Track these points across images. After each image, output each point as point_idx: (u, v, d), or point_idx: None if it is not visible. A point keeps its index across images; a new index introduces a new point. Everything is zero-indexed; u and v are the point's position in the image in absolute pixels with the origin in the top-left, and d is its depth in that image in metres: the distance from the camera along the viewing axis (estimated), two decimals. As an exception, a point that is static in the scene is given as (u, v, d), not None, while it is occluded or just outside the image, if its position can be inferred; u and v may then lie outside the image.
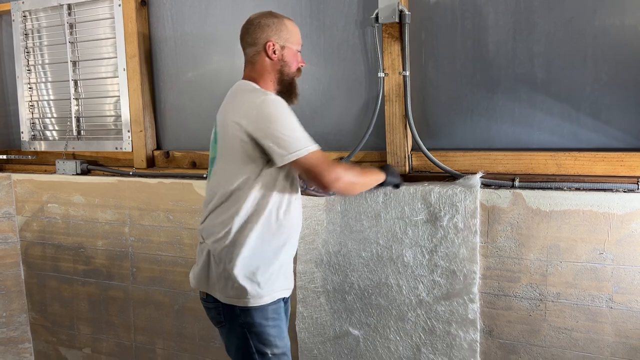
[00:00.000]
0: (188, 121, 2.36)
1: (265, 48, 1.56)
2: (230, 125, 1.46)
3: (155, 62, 2.39)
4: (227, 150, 1.50)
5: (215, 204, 1.52)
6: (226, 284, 1.49)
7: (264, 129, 1.42)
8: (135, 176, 2.35)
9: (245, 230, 1.48)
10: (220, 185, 1.51)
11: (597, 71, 1.65)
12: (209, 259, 1.54)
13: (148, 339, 2.39)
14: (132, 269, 2.38)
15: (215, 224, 1.51)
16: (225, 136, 1.50)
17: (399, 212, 1.81)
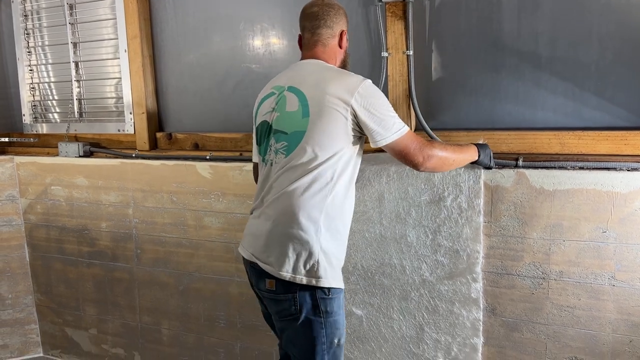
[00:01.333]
0: (190, 103, 2.36)
1: (341, 35, 1.61)
2: (329, 99, 1.45)
3: (157, 43, 2.38)
4: (321, 124, 1.47)
5: (294, 179, 1.47)
6: (311, 267, 1.46)
7: (369, 109, 1.45)
8: (138, 158, 2.35)
9: (330, 209, 1.49)
10: (304, 161, 1.47)
11: (602, 49, 1.64)
12: (288, 241, 1.47)
13: (153, 320, 2.42)
14: (136, 250, 2.40)
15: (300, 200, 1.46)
16: (320, 109, 1.47)
17: (403, 193, 1.81)
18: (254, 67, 2.18)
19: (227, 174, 2.14)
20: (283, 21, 2.10)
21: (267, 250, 1.50)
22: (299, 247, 1.46)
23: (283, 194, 1.48)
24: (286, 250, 1.46)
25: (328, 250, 1.48)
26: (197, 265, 2.26)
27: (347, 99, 1.45)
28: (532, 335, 1.71)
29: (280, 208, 1.49)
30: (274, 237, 1.49)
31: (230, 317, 2.23)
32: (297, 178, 1.47)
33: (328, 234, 1.48)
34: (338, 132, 1.46)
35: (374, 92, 1.48)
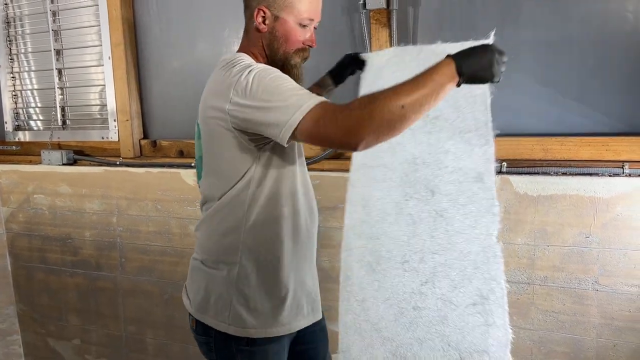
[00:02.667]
0: (175, 110, 2.34)
1: (257, 12, 1.25)
2: (209, 113, 1.22)
3: (141, 50, 2.36)
4: (211, 146, 1.27)
5: (205, 210, 1.34)
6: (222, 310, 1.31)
7: (250, 102, 1.13)
8: (122, 166, 2.33)
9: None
10: (208, 192, 1.32)
11: (582, 56, 1.66)
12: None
13: (138, 329, 2.39)
14: (120, 259, 2.37)
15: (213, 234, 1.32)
16: (206, 127, 1.26)
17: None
18: (239, 74, 2.18)
19: (212, 182, 2.13)
20: (268, 28, 2.10)
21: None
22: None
23: (200, 224, 1.36)
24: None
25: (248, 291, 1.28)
26: (182, 274, 2.24)
27: (223, 106, 1.16)
28: (518, 340, 1.72)
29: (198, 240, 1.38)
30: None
31: (216, 326, 2.20)
32: (206, 209, 1.33)
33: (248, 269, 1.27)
34: (232, 153, 1.21)
35: (258, 78, 1.12)
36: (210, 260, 1.33)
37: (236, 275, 1.28)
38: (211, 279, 1.32)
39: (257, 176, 1.23)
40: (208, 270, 1.33)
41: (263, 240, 1.27)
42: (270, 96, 1.10)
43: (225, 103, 1.15)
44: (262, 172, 1.24)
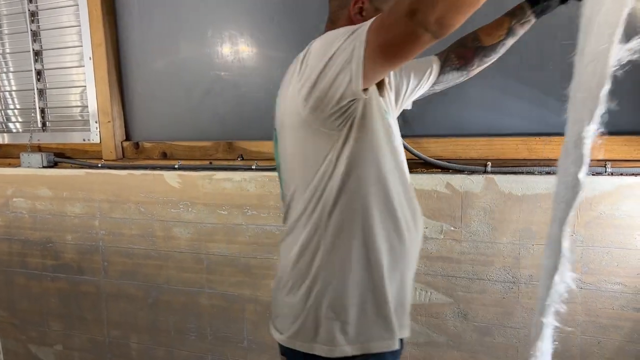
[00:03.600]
0: (157, 111, 2.32)
1: (351, 4, 1.13)
2: (285, 109, 1.09)
3: (122, 50, 2.33)
4: (285, 144, 1.13)
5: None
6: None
7: (316, 61, 0.98)
8: (104, 168, 2.29)
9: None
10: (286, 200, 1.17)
11: (564, 57, 1.67)
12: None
13: (122, 334, 2.35)
14: (103, 263, 2.33)
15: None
16: (282, 127, 1.13)
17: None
18: (223, 74, 2.16)
19: (196, 183, 2.10)
20: (252, 28, 2.09)
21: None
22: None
23: (281, 243, 1.21)
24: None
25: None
26: (166, 277, 2.21)
27: (294, 94, 1.04)
28: (504, 339, 1.73)
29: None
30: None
31: (201, 329, 2.18)
32: (289, 225, 1.16)
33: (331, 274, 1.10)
34: (309, 147, 1.06)
35: (312, 46, 1.02)
36: (289, 281, 1.16)
37: (319, 292, 1.11)
38: (295, 300, 1.14)
39: (341, 170, 1.05)
40: (290, 293, 1.16)
41: (348, 249, 1.08)
42: (327, 48, 0.96)
43: (294, 91, 1.03)
44: (345, 165, 1.04)
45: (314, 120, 1.02)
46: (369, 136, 1.04)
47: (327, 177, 1.05)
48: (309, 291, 1.11)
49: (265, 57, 2.08)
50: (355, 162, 1.04)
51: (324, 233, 1.08)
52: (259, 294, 2.06)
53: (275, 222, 2.00)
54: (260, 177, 2.00)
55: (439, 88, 1.47)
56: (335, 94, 0.97)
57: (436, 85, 1.44)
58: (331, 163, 1.04)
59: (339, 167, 1.04)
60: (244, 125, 2.15)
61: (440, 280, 1.78)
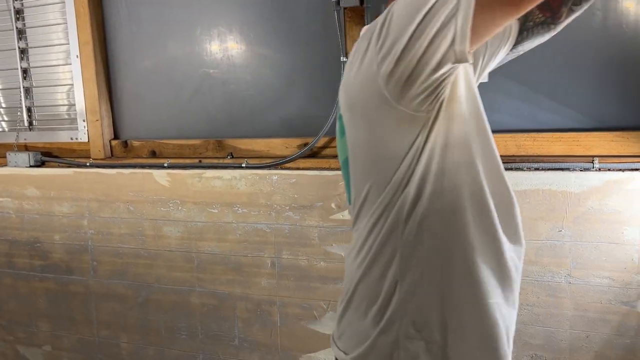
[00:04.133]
0: (146, 109, 2.30)
1: None
2: (355, 90, 0.90)
3: (110, 48, 2.31)
4: (357, 136, 0.94)
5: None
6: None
7: (402, 23, 0.79)
8: (92, 167, 2.27)
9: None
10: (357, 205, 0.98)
11: (553, 54, 1.69)
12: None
13: (112, 333, 2.34)
14: (92, 262, 2.31)
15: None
16: (350, 114, 0.94)
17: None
18: (212, 72, 2.15)
19: (186, 182, 2.09)
20: (241, 25, 2.08)
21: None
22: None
23: (349, 252, 1.02)
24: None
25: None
26: (156, 276, 2.20)
27: (369, 72, 0.84)
28: (494, 334, 1.74)
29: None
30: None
31: (192, 328, 2.18)
32: (356, 230, 1.00)
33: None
34: (388, 137, 0.88)
35: (394, 9, 0.81)
36: (356, 296, 0.98)
37: (396, 307, 0.92)
38: (375, 322, 0.95)
39: (426, 162, 0.86)
40: (357, 310, 0.98)
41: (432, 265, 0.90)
42: (417, 5, 0.77)
43: (371, 67, 0.84)
44: (433, 155, 0.86)
45: (398, 99, 0.83)
46: (460, 116, 0.86)
47: (412, 170, 0.87)
48: (383, 308, 0.92)
49: (254, 55, 2.08)
50: (447, 149, 0.86)
51: (400, 238, 0.89)
52: (250, 292, 2.06)
53: (265, 220, 1.99)
54: (250, 175, 2.00)
55: (518, 51, 1.21)
56: (430, 61, 0.78)
57: (516, 48, 1.19)
58: (417, 153, 0.86)
59: (424, 157, 0.86)
60: (233, 123, 2.14)
61: (431, 277, 1.79)
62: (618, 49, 1.62)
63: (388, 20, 0.81)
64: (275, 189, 1.97)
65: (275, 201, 1.97)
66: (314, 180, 1.92)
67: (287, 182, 1.95)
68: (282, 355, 2.04)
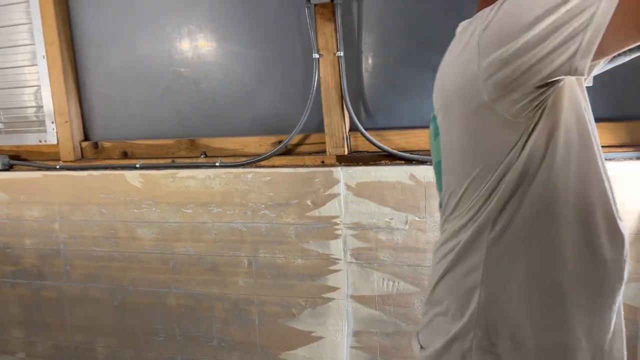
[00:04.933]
0: (117, 109, 2.26)
1: None
2: (452, 89, 0.87)
3: (78, 47, 2.26)
4: (452, 139, 0.91)
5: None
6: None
7: (510, 22, 0.75)
8: (62, 169, 2.23)
9: None
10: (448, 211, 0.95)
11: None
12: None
13: (87, 338, 2.30)
14: (65, 266, 2.27)
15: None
16: (445, 114, 0.91)
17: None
18: (183, 70, 2.12)
19: (159, 182, 2.07)
20: (211, 23, 2.06)
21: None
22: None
23: (435, 253, 0.99)
24: None
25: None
26: (131, 279, 2.17)
27: (471, 73, 0.81)
28: (470, 325, 1.77)
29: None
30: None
31: (169, 330, 2.16)
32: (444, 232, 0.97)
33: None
34: (486, 141, 0.85)
35: (507, 4, 0.77)
36: (437, 293, 0.96)
37: (474, 313, 0.87)
38: (452, 324, 0.92)
39: (522, 169, 0.82)
40: (437, 306, 0.96)
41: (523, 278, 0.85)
42: (536, 7, 0.72)
43: (470, 65, 0.81)
44: (530, 162, 0.82)
45: (496, 103, 0.79)
46: (562, 124, 0.82)
47: (506, 179, 0.83)
48: (462, 310, 0.89)
49: (226, 53, 2.06)
50: (546, 157, 0.82)
51: (487, 242, 0.85)
52: (227, 291, 2.05)
53: (241, 219, 1.98)
54: (224, 174, 1.98)
55: (626, 57, 1.01)
56: (542, 70, 0.73)
57: (621, 57, 1.01)
58: (513, 161, 0.82)
59: (520, 165, 0.82)
60: (206, 122, 2.12)
61: (407, 270, 1.81)
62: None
63: (497, 19, 0.77)
64: (250, 188, 1.96)
65: (251, 200, 1.97)
66: (289, 178, 1.92)
67: (262, 181, 1.95)
68: (261, 354, 2.04)
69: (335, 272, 1.90)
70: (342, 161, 1.89)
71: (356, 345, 1.91)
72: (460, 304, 0.89)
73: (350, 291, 1.90)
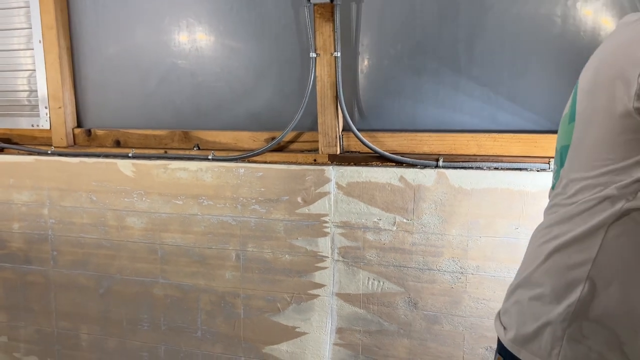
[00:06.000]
0: (111, 98, 2.26)
1: None
2: (606, 83, 0.85)
3: (75, 34, 2.26)
4: (588, 130, 0.90)
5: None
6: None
7: None
8: (54, 155, 2.23)
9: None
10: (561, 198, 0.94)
11: (513, 57, 1.75)
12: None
13: (71, 325, 2.30)
14: (52, 252, 2.27)
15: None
16: (590, 105, 0.89)
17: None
18: (180, 62, 2.13)
19: (150, 172, 2.08)
20: (210, 17, 2.07)
21: None
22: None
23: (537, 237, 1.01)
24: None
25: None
26: (118, 267, 2.18)
27: (630, 75, 0.79)
28: (451, 327, 1.80)
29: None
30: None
31: (155, 320, 2.17)
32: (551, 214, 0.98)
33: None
34: (613, 137, 0.84)
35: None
36: (534, 276, 0.96)
37: (579, 302, 0.87)
38: (547, 310, 0.91)
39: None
40: (544, 303, 0.93)
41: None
42: None
43: (632, 73, 0.79)
44: None
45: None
46: None
47: (633, 181, 0.82)
48: (560, 299, 0.89)
49: (223, 47, 2.07)
50: None
51: (603, 239, 0.85)
52: (214, 284, 2.06)
53: (231, 213, 2.00)
54: (216, 167, 2.00)
55: None
56: None
57: None
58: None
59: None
60: (200, 114, 2.14)
61: (392, 270, 1.84)
62: (575, 55, 1.69)
63: None
64: (241, 182, 1.98)
65: (242, 194, 1.98)
66: (281, 174, 1.94)
67: (254, 176, 1.96)
68: (245, 347, 2.06)
69: (322, 269, 1.92)
70: (334, 160, 1.91)
71: (339, 342, 1.94)
72: (560, 292, 0.88)
73: (336, 289, 1.92)
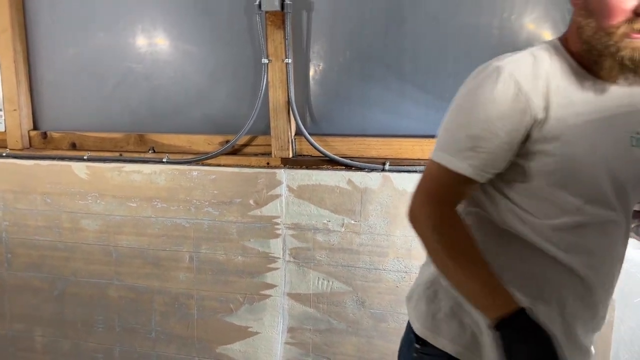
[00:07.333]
0: (68, 100, 2.27)
1: None
2: None
3: (31, 36, 2.26)
4: None
5: None
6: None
7: None
8: (9, 157, 2.23)
9: None
10: None
11: (456, 66, 1.83)
12: None
13: (25, 327, 2.30)
14: (6, 254, 2.27)
15: None
16: None
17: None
18: (135, 66, 2.16)
19: (105, 175, 2.10)
20: (165, 21, 2.10)
21: None
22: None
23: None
24: None
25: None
26: (73, 269, 2.19)
27: None
28: (397, 324, 1.86)
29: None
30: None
31: (109, 321, 2.18)
32: None
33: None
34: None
35: (465, 87, 1.01)
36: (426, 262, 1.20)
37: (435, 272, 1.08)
38: (419, 277, 1.20)
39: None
40: (421, 273, 1.21)
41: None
42: (448, 118, 1.03)
43: None
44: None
45: None
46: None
47: None
48: (426, 267, 1.19)
49: (179, 51, 2.10)
50: None
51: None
52: (168, 285, 2.09)
53: (185, 215, 2.03)
54: (170, 170, 2.03)
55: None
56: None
57: None
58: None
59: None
60: (156, 118, 2.16)
61: (341, 270, 1.90)
62: (513, 65, 1.77)
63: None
64: (195, 185, 2.01)
65: (195, 197, 2.02)
66: (234, 177, 1.98)
67: (207, 178, 2.00)
68: (199, 347, 2.09)
69: (273, 270, 1.97)
70: (287, 164, 1.96)
71: (290, 341, 1.99)
72: (426, 264, 1.19)
73: (287, 289, 1.97)
